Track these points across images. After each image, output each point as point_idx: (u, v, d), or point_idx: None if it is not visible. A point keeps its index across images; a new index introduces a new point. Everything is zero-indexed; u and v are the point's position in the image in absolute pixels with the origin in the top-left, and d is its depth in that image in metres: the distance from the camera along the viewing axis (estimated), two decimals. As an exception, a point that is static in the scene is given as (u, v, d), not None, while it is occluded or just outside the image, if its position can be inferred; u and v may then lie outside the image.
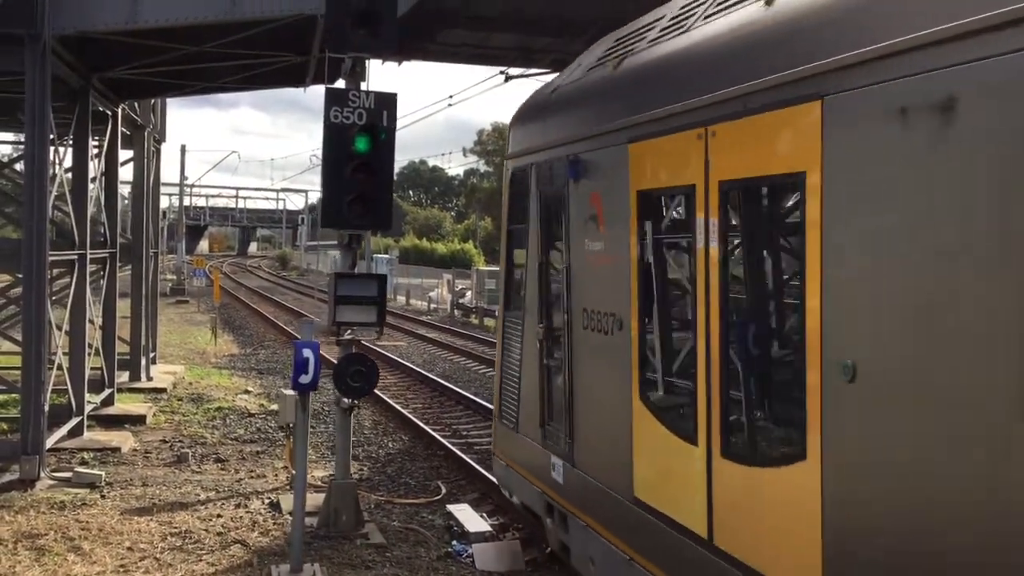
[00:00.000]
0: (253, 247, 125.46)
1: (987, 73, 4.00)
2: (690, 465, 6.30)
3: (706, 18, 6.67)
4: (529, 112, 9.52)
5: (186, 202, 58.42)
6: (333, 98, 9.69)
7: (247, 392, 20.07)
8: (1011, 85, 3.88)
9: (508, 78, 16.01)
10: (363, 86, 10.09)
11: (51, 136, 12.22)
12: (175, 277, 51.42)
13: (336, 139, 9.65)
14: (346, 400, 10.23)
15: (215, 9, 11.88)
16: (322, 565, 9.09)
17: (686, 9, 7.21)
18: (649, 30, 7.74)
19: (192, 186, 67.39)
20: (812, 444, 5.06)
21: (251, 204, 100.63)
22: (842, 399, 4.84)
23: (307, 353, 8.58)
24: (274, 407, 18.30)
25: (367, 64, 10.21)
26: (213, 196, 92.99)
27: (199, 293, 47.76)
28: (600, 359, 7.78)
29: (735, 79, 5.79)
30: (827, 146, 4.94)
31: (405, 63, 15.22)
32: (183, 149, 51.37)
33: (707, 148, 6.06)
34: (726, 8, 6.43)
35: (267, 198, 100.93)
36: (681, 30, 6.98)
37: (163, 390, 19.14)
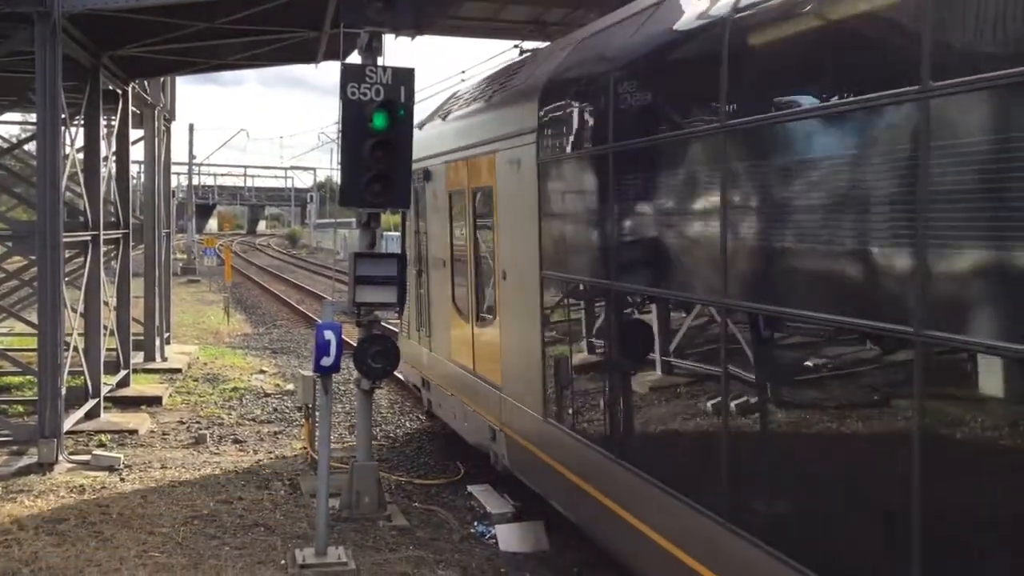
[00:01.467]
0: (262, 225, 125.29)
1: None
2: (466, 332, 11.73)
3: (473, 101, 12.14)
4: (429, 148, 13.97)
5: (195, 181, 58.16)
6: (350, 74, 9.50)
7: (262, 372, 19.98)
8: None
9: (523, 52, 15.73)
10: (379, 61, 9.89)
11: (63, 116, 12.06)
12: (185, 256, 51.35)
13: (354, 116, 9.46)
14: (367, 381, 10.09)
15: (226, -17, 11.69)
16: (346, 548, 8.99)
17: (473, 92, 12.72)
18: (457, 101, 13.51)
19: (200, 165, 67.05)
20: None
21: (259, 183, 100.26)
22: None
23: (329, 335, 8.44)
24: (290, 387, 18.23)
25: (382, 39, 9.99)
26: (221, 175, 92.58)
27: (210, 272, 47.72)
28: (437, 283, 13.25)
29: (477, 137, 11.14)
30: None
31: (418, 37, 14.95)
32: (191, 128, 51.19)
33: (468, 170, 11.57)
34: (479, 99, 11.87)
35: (275, 176, 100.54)
36: (465, 105, 12.52)
37: (178, 370, 19.07)
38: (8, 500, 10.28)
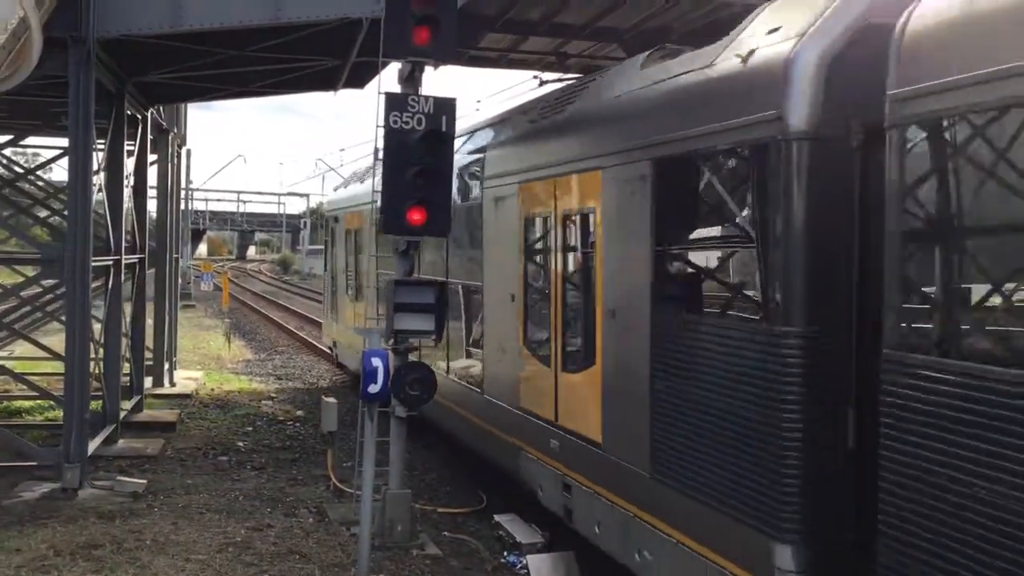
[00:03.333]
0: (252, 251, 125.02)
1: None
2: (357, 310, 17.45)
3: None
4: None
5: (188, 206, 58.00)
6: (393, 103, 9.57)
7: (271, 399, 19.91)
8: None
9: (542, 83, 15.87)
10: (419, 91, 9.98)
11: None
12: (180, 281, 51.09)
13: (396, 144, 9.53)
14: (402, 408, 10.09)
15: (260, 13, 11.73)
16: (385, 577, 8.97)
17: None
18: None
19: (196, 190, 66.89)
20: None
21: (251, 208, 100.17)
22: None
23: (376, 362, 8.46)
24: (300, 413, 18.19)
25: (423, 69, 10.08)
26: (214, 200, 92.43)
27: (205, 297, 47.56)
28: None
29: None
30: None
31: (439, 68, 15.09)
32: (188, 153, 51.01)
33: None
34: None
35: (267, 202, 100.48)
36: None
37: (187, 396, 19.00)
38: (38, 525, 10.20)
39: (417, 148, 9.49)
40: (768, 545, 6.19)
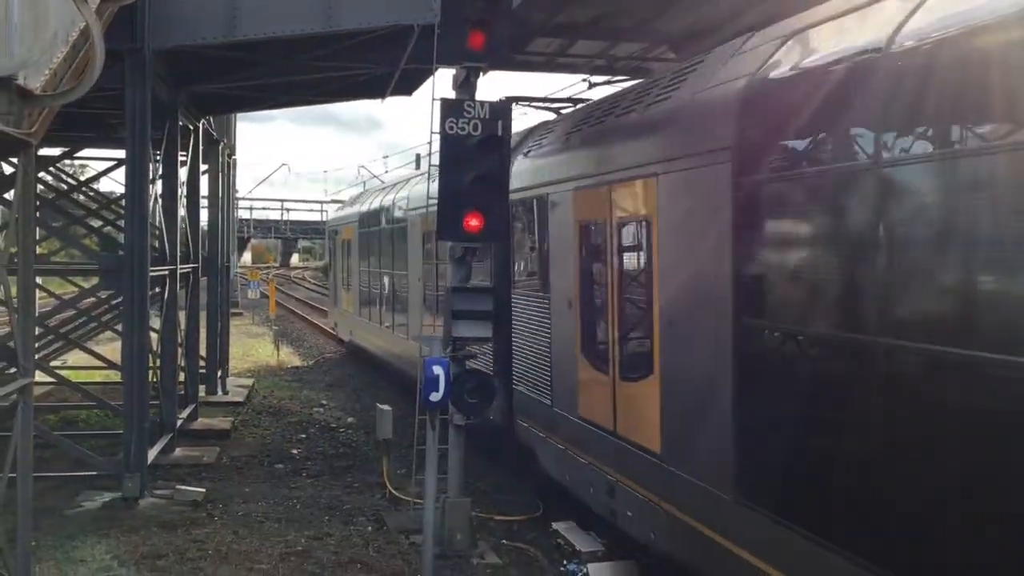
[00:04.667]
0: (295, 258, 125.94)
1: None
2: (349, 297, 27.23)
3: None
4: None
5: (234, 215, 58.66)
6: (448, 109, 9.53)
7: (321, 405, 19.98)
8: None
9: (591, 85, 15.77)
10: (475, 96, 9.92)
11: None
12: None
13: (453, 150, 9.48)
14: (460, 416, 10.03)
15: (312, 22, 11.76)
16: (448, 586, 8.90)
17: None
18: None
19: (242, 198, 67.61)
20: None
21: (294, 216, 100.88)
22: None
23: (437, 370, 8.40)
24: (351, 420, 18.23)
25: (478, 74, 10.03)
26: (259, 208, 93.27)
27: (252, 305, 47.89)
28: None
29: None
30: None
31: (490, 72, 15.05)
32: (235, 163, 51.53)
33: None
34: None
35: (311, 210, 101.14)
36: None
37: (240, 404, 19.10)
38: (101, 535, 10.26)
39: (474, 153, 9.43)
40: None
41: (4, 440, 7.54)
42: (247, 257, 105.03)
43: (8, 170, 11.91)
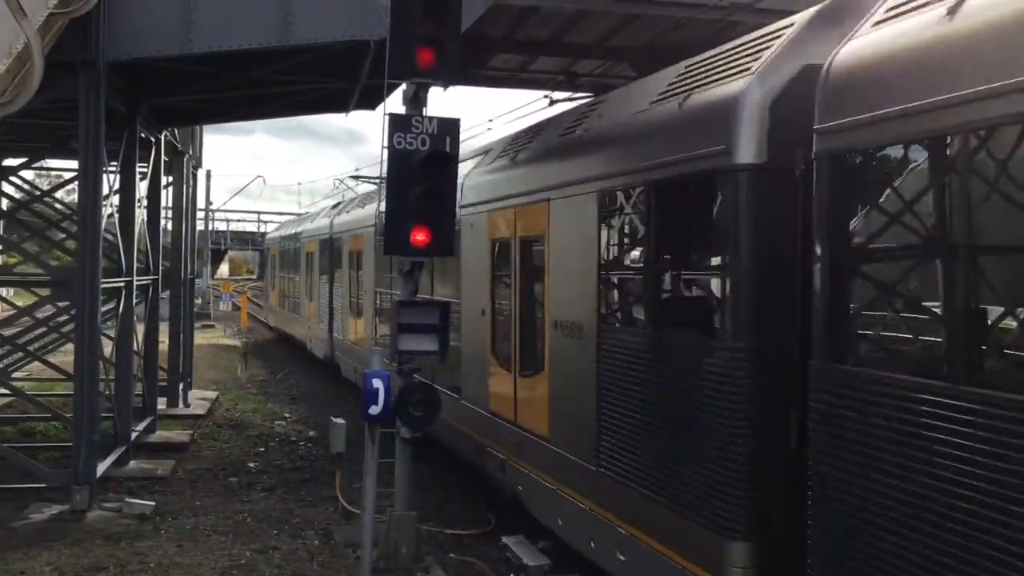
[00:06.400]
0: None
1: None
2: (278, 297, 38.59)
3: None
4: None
5: (208, 227, 58.45)
6: (397, 124, 9.56)
7: (284, 419, 19.93)
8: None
9: (552, 102, 15.88)
10: (424, 112, 9.98)
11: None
12: (199, 301, 51.29)
13: (400, 165, 9.52)
14: (407, 430, 10.03)
15: (268, 35, 11.79)
16: (388, 600, 8.90)
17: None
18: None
19: (216, 210, 67.41)
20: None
21: (271, 228, 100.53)
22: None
23: (377, 383, 8.42)
24: (312, 433, 18.18)
25: (428, 90, 10.09)
26: (235, 220, 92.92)
27: (224, 317, 47.75)
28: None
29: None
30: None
31: (450, 88, 15.13)
32: (208, 174, 51.40)
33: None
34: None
35: (288, 222, 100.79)
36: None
37: (201, 416, 19.03)
38: (45, 547, 10.21)
39: (421, 168, 9.48)
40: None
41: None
42: (224, 269, 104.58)
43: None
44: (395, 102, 10.75)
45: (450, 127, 9.70)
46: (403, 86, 10.38)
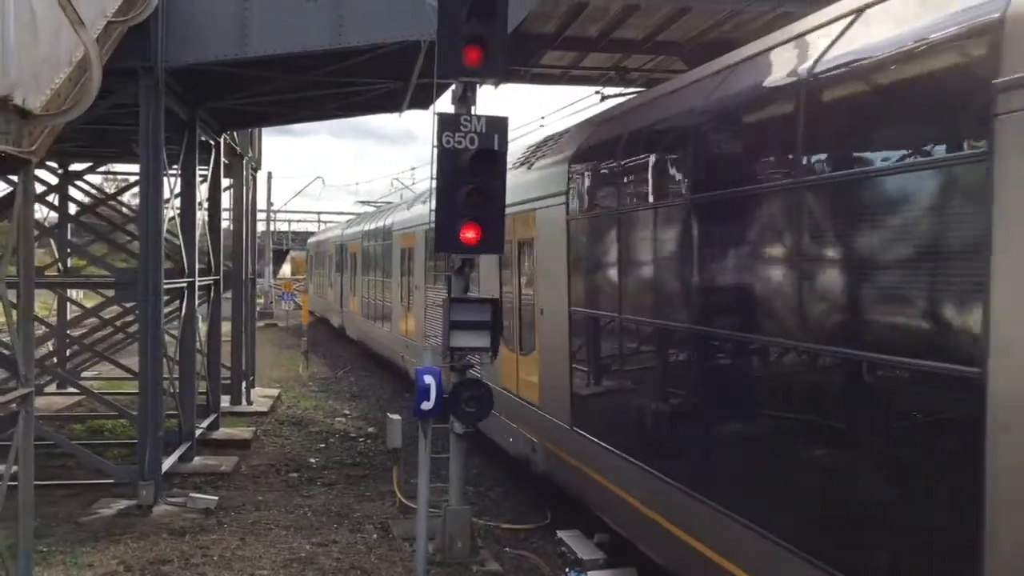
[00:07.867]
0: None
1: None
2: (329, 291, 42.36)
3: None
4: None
5: (271, 228, 59.46)
6: (445, 123, 9.70)
7: (344, 416, 20.22)
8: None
9: (604, 98, 15.88)
10: (472, 110, 10.09)
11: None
12: (262, 300, 52.18)
13: (449, 164, 9.65)
14: (459, 425, 10.16)
15: (321, 39, 12.00)
16: (443, 593, 9.03)
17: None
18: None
19: (278, 211, 68.47)
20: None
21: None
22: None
23: (428, 379, 8.55)
24: (371, 430, 18.43)
25: (476, 89, 10.19)
26: (296, 221, 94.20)
27: (286, 316, 48.48)
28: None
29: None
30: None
31: (501, 86, 15.23)
32: (269, 176, 52.34)
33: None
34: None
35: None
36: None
37: (264, 414, 19.39)
38: (112, 541, 10.53)
39: (469, 167, 9.58)
40: None
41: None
42: (286, 269, 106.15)
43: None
44: (447, 102, 10.90)
45: (498, 125, 9.81)
46: (453, 85, 10.52)
